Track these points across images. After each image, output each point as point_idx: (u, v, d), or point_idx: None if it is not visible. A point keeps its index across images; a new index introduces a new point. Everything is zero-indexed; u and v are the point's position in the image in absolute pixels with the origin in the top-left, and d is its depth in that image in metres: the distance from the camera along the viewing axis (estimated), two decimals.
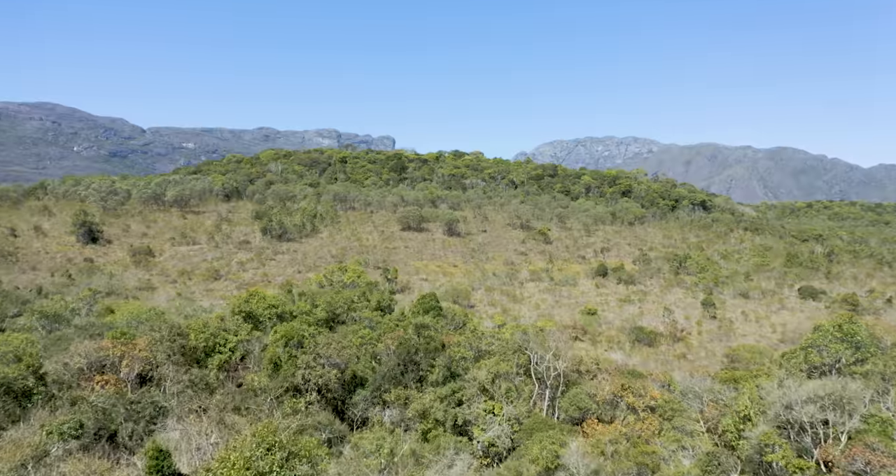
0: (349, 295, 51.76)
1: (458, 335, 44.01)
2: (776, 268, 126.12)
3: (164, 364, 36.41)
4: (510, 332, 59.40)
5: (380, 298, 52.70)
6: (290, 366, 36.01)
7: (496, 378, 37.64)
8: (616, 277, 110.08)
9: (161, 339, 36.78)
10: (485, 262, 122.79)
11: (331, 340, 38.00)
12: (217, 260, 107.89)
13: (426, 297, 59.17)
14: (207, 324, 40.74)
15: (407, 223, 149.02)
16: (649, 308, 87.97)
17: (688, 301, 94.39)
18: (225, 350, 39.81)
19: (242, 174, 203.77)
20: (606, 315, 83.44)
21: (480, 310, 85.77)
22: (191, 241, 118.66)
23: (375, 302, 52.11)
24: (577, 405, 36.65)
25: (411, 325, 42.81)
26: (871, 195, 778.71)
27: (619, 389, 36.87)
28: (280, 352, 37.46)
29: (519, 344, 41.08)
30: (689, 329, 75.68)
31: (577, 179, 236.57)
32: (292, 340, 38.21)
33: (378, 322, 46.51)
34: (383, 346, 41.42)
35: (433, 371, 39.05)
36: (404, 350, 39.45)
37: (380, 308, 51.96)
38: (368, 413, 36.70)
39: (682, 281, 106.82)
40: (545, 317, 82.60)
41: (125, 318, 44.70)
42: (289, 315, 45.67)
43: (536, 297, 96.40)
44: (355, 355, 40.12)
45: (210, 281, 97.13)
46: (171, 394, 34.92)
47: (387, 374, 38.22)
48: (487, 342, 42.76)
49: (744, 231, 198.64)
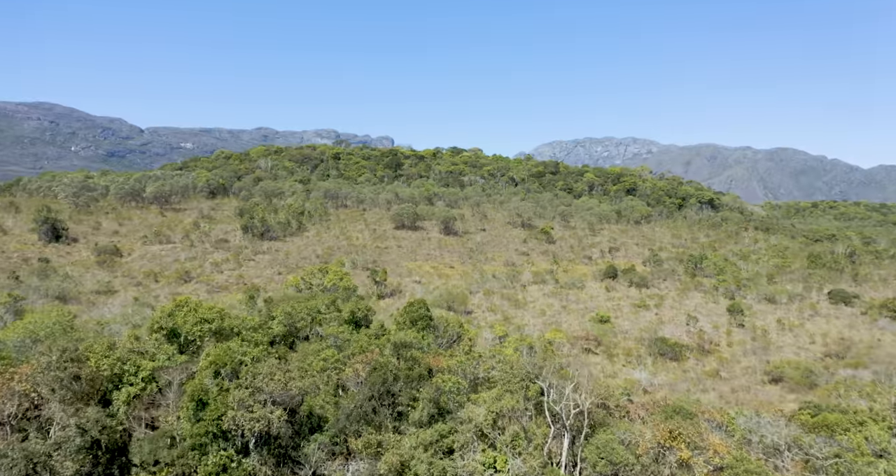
0: (314, 304, 42.15)
1: (448, 357, 34.54)
2: (797, 269, 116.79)
3: (50, 400, 27.01)
4: (514, 346, 49.96)
5: (354, 308, 43.07)
6: (220, 404, 26.63)
7: (499, 418, 28.28)
8: (627, 280, 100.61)
9: (49, 365, 27.35)
10: (484, 262, 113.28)
11: (276, 368, 28.49)
12: (190, 260, 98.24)
13: (414, 305, 49.63)
14: (114, 345, 31.10)
15: (401, 221, 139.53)
16: (668, 315, 78.46)
17: (709, 307, 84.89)
18: (137, 381, 30.17)
19: (229, 170, 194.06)
20: (621, 323, 73.91)
21: (479, 317, 76.22)
22: (164, 240, 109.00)
23: (348, 312, 42.46)
24: (608, 458, 27.17)
25: (389, 344, 33.45)
26: (872, 196, 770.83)
27: (667, 437, 27.25)
28: (209, 384, 28.09)
29: (528, 370, 31.58)
30: (716, 340, 66.21)
31: (580, 177, 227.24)
32: (225, 368, 28.83)
33: (346, 340, 36.80)
34: (352, 372, 31.94)
35: (416, 406, 29.68)
36: (379, 378, 30.07)
37: (353, 320, 42.38)
38: (326, 468, 27.14)
39: (700, 284, 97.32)
40: (552, 324, 73.08)
41: (19, 334, 34.53)
42: (229, 331, 35.91)
43: (541, 301, 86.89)
44: (314, 385, 30.64)
45: (179, 283, 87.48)
46: (54, 442, 25.50)
47: (354, 411, 28.83)
48: (487, 367, 33.33)
49: (754, 230, 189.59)
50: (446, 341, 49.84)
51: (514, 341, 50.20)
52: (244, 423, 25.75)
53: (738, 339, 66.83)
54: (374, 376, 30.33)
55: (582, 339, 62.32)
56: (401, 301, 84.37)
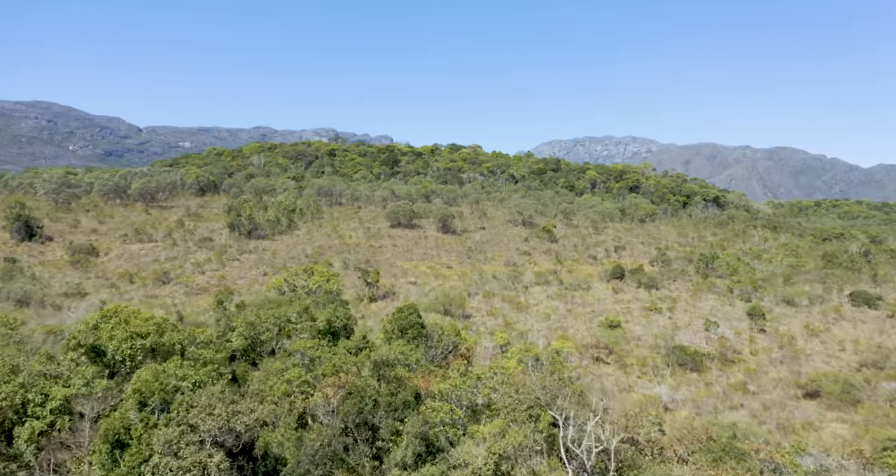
0: (283, 312, 36.07)
1: (441, 379, 28.54)
2: (812, 269, 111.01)
3: None
4: (518, 358, 44.03)
5: (331, 315, 36.93)
6: (144, 445, 20.84)
7: (503, 459, 22.45)
8: (635, 280, 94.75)
9: None
10: (483, 262, 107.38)
11: (218, 399, 22.54)
12: (170, 260, 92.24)
13: (404, 311, 43.73)
14: (17, 368, 25.01)
15: (396, 219, 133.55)
16: (683, 319, 72.56)
17: (725, 310, 79.00)
18: (44, 413, 24.10)
19: (220, 167, 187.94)
20: (632, 328, 68.01)
21: (478, 321, 70.31)
22: (145, 239, 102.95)
23: (324, 321, 36.32)
24: None
25: (369, 362, 27.59)
26: (871, 195, 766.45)
27: None
28: (133, 418, 22.26)
29: (537, 396, 25.66)
30: (738, 347, 60.31)
31: (582, 174, 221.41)
32: (154, 397, 22.99)
33: (316, 357, 30.62)
34: (321, 398, 26.03)
35: (398, 442, 23.83)
36: (354, 405, 24.27)
37: (330, 330, 36.28)
38: None
39: (713, 285, 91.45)
40: (557, 330, 67.18)
41: None
42: (170, 348, 29.61)
43: (544, 304, 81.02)
44: (272, 415, 24.64)
45: (156, 285, 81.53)
46: None
47: (321, 450, 22.90)
48: (487, 390, 27.35)
49: (761, 229, 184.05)
50: (441, 352, 43.94)
51: (517, 352, 44.28)
52: (168, 472, 19.88)
53: (763, 347, 60.93)
54: (349, 403, 24.51)
55: (592, 347, 56.44)
56: (394, 304, 78.45)
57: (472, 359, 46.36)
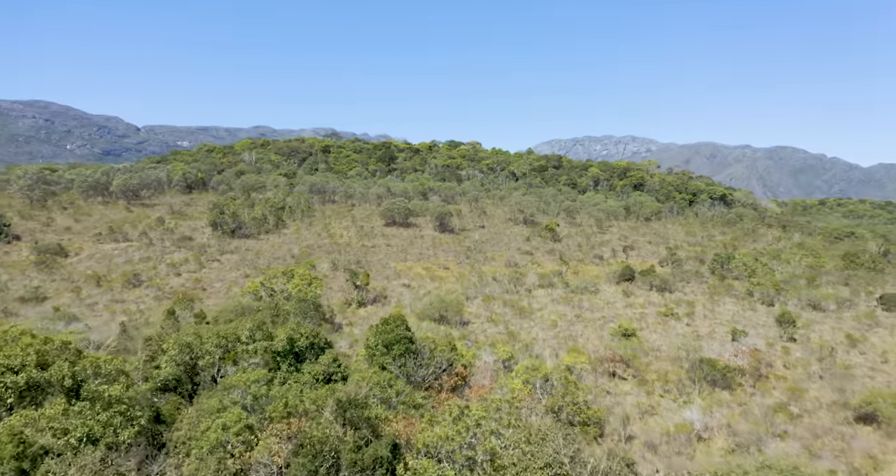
0: (232, 329, 29.05)
1: (427, 423, 21.56)
2: (832, 270, 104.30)
3: None
4: (524, 377, 37.28)
5: (293, 333, 29.56)
6: None
7: None
8: (646, 283, 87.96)
9: None
10: (482, 263, 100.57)
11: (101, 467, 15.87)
12: (144, 261, 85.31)
13: (389, 323, 36.97)
14: None
15: (391, 217, 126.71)
16: (703, 326, 65.76)
17: (747, 315, 72.20)
18: None
19: (208, 163, 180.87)
20: (648, 336, 61.21)
21: (477, 329, 63.46)
22: (120, 238, 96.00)
23: (284, 340, 29.03)
24: None
25: (332, 401, 20.74)
26: (871, 194, 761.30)
27: None
28: None
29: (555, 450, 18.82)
30: (770, 359, 53.49)
31: (584, 171, 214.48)
32: (5, 467, 16.34)
33: (260, 396, 23.44)
34: (265, 453, 19.12)
35: None
36: (305, 466, 17.47)
37: (292, 351, 29.07)
38: None
39: (731, 287, 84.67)
40: (566, 339, 60.39)
41: None
42: (56, 385, 22.46)
43: (549, 308, 74.22)
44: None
45: (126, 288, 74.65)
46: None
47: None
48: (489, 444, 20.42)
49: (775, 228, 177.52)
50: (433, 372, 37.12)
51: (523, 370, 37.46)
52: None
53: (798, 359, 54.12)
54: (300, 463, 17.78)
55: (607, 360, 49.62)
56: (385, 309, 71.68)
57: (469, 378, 39.54)
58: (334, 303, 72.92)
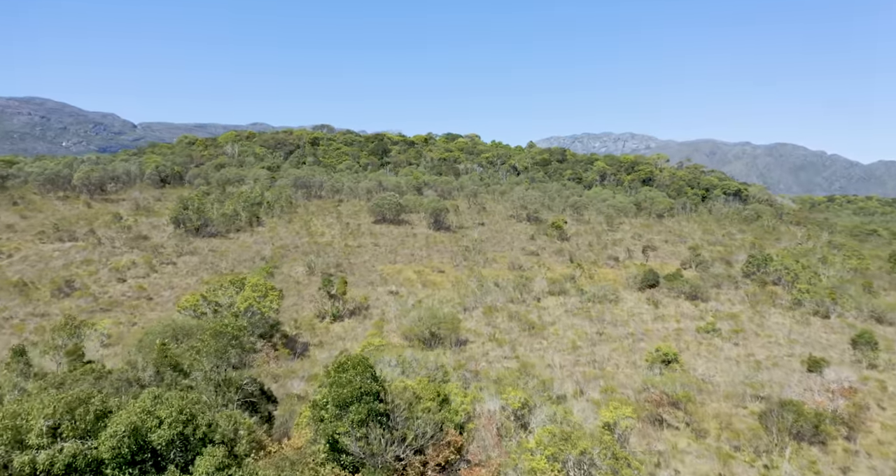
0: (28, 409, 16.24)
1: None
2: (876, 272, 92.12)
3: None
4: (550, 451, 24.74)
5: (145, 418, 16.19)
6: None
7: None
8: (673, 289, 75.60)
9: None
10: (482, 265, 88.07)
11: None
12: (86, 264, 72.55)
13: (349, 370, 24.70)
14: None
15: (381, 214, 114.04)
16: (758, 348, 53.29)
17: (804, 332, 59.76)
18: None
19: (184, 155, 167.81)
20: (692, 362, 48.76)
21: (477, 352, 50.95)
22: (66, 237, 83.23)
23: (123, 430, 15.68)
24: None
25: None
26: (872, 191, 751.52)
27: None
28: None
29: None
30: (860, 399, 41.00)
31: (590, 165, 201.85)
32: None
33: None
34: None
35: None
36: None
37: (141, 451, 15.82)
38: None
39: (775, 295, 72.28)
40: (588, 364, 47.91)
41: None
42: None
43: (564, 322, 61.78)
44: None
45: (55, 298, 61.94)
46: None
47: None
48: None
49: (795, 225, 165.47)
50: (411, 444, 24.53)
51: (547, 438, 24.95)
52: None
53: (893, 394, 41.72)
54: None
55: (651, 402, 37.08)
56: (366, 324, 59.19)
57: (467, 446, 26.98)
58: (304, 316, 60.41)
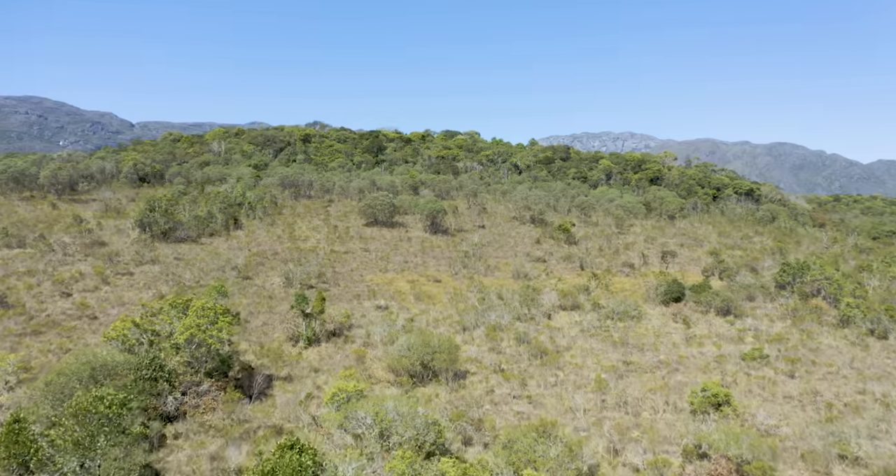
0: None
1: None
2: None
3: None
4: None
5: None
6: None
7: None
8: (700, 303, 66.27)
9: None
10: (483, 274, 78.65)
11: None
12: (28, 275, 62.91)
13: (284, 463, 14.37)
14: None
15: (374, 215, 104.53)
16: (824, 384, 43.87)
17: (868, 360, 50.37)
18: None
19: (165, 153, 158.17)
20: (746, 404, 39.33)
21: (478, 390, 41.53)
22: (13, 244, 73.57)
23: None
24: None
25: None
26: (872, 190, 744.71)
27: None
28: None
29: None
30: None
31: (595, 164, 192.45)
32: None
33: None
34: None
35: None
36: None
37: None
38: None
39: (821, 310, 62.91)
40: (618, 406, 38.54)
41: None
42: None
43: (580, 345, 52.46)
44: None
45: None
46: None
47: None
48: None
49: (819, 227, 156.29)
50: None
51: None
52: None
53: None
54: None
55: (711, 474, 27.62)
56: (346, 349, 49.67)
57: None
58: (274, 339, 50.94)
